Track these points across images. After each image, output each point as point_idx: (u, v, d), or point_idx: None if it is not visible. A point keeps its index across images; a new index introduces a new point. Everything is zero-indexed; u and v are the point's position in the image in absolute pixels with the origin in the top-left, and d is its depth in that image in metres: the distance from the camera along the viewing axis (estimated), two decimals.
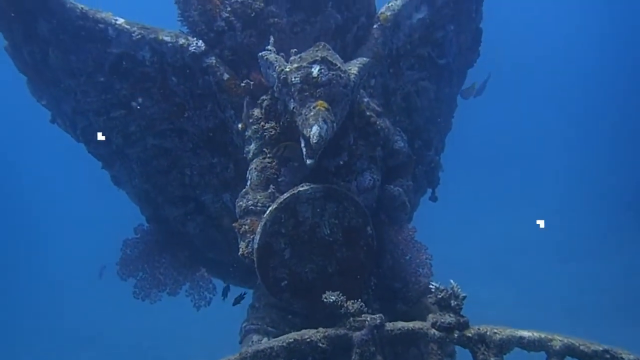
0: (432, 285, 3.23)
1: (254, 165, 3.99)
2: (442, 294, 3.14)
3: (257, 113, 4.08)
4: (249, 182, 4.00)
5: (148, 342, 17.34)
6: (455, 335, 3.10)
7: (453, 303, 3.12)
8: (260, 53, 3.90)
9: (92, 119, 4.64)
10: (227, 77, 4.30)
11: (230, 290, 5.84)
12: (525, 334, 2.99)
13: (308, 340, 3.04)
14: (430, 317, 3.20)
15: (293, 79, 3.48)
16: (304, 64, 3.49)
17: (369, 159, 3.97)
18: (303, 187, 3.62)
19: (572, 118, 31.20)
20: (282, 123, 3.88)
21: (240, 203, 3.96)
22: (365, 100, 4.11)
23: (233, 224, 3.96)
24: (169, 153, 4.74)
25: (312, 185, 3.62)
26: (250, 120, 4.11)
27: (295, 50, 3.79)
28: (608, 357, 2.91)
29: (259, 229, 3.63)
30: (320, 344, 3.03)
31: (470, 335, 3.08)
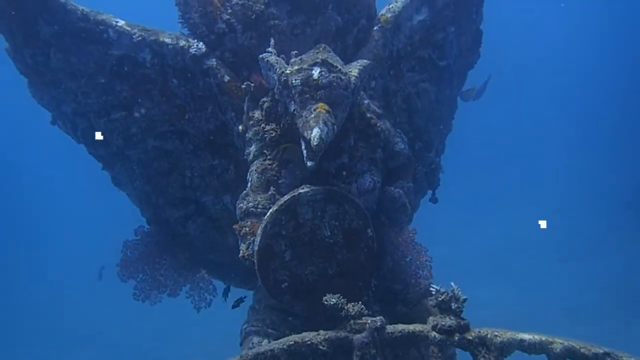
0: (432, 288, 3.23)
1: (255, 167, 3.99)
2: (442, 297, 3.14)
3: (257, 115, 4.08)
4: (250, 184, 4.00)
5: (148, 342, 17.37)
6: (456, 338, 3.10)
7: (454, 306, 3.11)
8: (261, 55, 3.90)
9: (92, 121, 4.64)
10: (227, 79, 4.31)
11: (231, 291, 5.84)
12: (526, 337, 2.98)
13: (309, 343, 3.04)
14: (431, 319, 3.20)
15: (294, 81, 3.48)
16: (305, 66, 3.49)
17: (370, 161, 3.97)
18: (303, 189, 3.62)
19: (572, 118, 31.22)
20: (282, 125, 3.88)
21: (241, 205, 3.96)
22: (366, 102, 4.11)
23: (233, 226, 3.96)
24: (170, 155, 4.75)
25: (312, 187, 3.62)
26: (251, 122, 4.11)
27: (296, 53, 3.79)
28: None
29: (260, 231, 3.63)
30: (321, 347, 3.04)
31: (471, 338, 3.08)
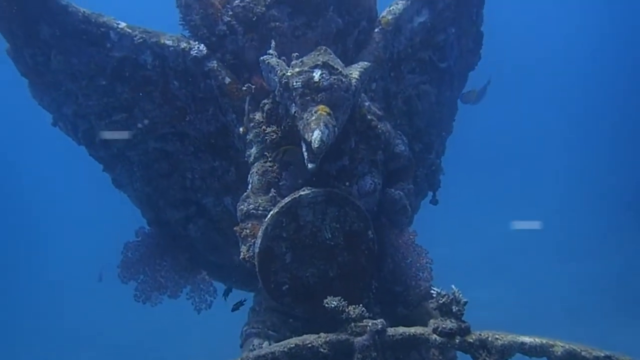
0: (433, 291, 3.22)
1: (255, 169, 3.99)
2: (443, 300, 3.14)
3: (258, 117, 4.08)
4: (250, 185, 4.00)
5: (149, 343, 17.36)
6: (457, 341, 3.09)
7: (454, 308, 3.11)
8: (262, 57, 3.90)
9: (93, 122, 4.64)
10: (228, 81, 4.30)
11: (232, 292, 5.84)
12: (527, 340, 2.98)
13: (309, 346, 3.03)
14: (432, 322, 3.19)
15: (294, 84, 3.48)
16: (306, 69, 3.48)
17: (370, 163, 3.96)
18: (304, 191, 3.62)
19: (572, 118, 31.20)
20: (283, 127, 3.88)
21: (242, 207, 3.95)
22: (367, 104, 4.11)
23: (234, 228, 3.96)
24: (171, 156, 4.75)
25: (313, 189, 3.62)
26: (252, 124, 4.12)
27: (297, 55, 3.79)
28: None
29: (260, 233, 3.63)
30: (322, 349, 3.03)
31: (472, 341, 3.08)
